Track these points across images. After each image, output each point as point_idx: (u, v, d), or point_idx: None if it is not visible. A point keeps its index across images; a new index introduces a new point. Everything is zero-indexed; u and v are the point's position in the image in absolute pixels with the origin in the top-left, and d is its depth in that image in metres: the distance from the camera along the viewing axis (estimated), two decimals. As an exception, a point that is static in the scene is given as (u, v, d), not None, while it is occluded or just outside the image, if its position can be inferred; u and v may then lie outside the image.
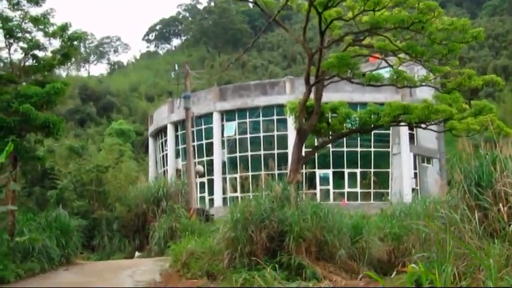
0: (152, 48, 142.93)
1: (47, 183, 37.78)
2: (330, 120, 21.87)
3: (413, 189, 41.27)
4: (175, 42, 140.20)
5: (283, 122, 42.87)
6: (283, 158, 41.05)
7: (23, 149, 21.18)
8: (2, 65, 23.85)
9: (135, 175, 39.03)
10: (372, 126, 22.26)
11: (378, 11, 18.08)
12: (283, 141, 43.65)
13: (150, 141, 59.49)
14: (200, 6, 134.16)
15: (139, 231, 30.25)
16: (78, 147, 46.41)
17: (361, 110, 23.25)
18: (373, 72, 20.84)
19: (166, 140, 53.87)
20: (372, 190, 43.35)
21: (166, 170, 52.09)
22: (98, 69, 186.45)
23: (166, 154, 53.68)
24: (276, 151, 43.99)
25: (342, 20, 19.63)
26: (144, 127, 67.81)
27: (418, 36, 19.12)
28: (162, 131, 55.61)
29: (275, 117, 44.97)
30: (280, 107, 41.28)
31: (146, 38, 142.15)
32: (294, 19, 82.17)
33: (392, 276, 13.12)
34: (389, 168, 44.25)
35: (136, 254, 28.45)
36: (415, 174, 45.49)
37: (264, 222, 14.64)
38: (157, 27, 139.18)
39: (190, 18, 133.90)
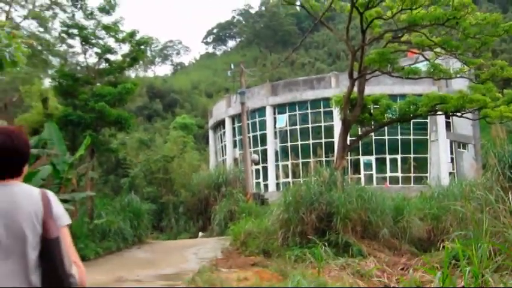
0: (210, 49, 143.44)
1: (120, 172, 38.55)
2: (372, 111, 21.66)
3: (450, 173, 40.43)
4: (231, 43, 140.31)
5: (329, 114, 42.53)
6: (330, 147, 40.74)
7: (99, 142, 21.69)
8: (79, 68, 24.44)
9: (198, 164, 39.42)
10: (411, 115, 21.97)
11: (415, 10, 17.81)
12: (329, 131, 43.32)
13: (210, 133, 59.86)
14: (252, 11, 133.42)
15: (202, 214, 30.55)
16: (146, 139, 47.22)
17: (401, 101, 22.95)
18: (412, 66, 20.60)
19: (224, 132, 54.11)
20: (412, 174, 42.66)
21: (225, 159, 52.34)
22: (162, 70, 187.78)
23: (225, 145, 53.93)
24: (323, 140, 43.69)
25: (381, 19, 19.37)
26: (205, 121, 68.21)
27: (452, 31, 18.73)
28: (220, 124, 55.86)
29: (322, 110, 44.60)
30: (327, 100, 40.91)
31: (205, 40, 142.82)
32: (337, 19, 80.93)
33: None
34: (427, 154, 43.43)
35: (200, 234, 28.74)
36: (452, 159, 44.51)
37: (314, 204, 14.66)
38: (215, 31, 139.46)
39: (243, 22, 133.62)
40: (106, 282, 11.33)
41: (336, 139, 37.74)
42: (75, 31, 22.96)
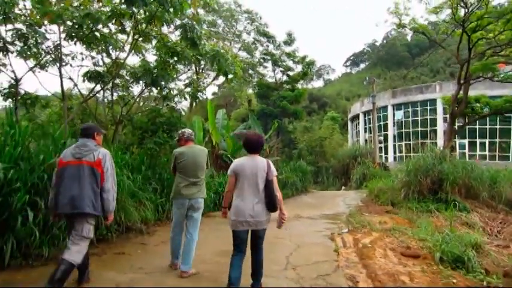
0: (348, 70, 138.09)
1: (292, 146, 38.63)
2: (473, 107, 18.77)
3: (529, 154, 34.36)
4: (362, 66, 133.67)
5: (433, 111, 38.85)
6: (433, 133, 37.47)
7: (282, 127, 21.64)
8: (270, 80, 24.59)
9: (341, 142, 38.27)
10: (501, 111, 18.75)
11: (513, 31, 14.91)
12: (433, 122, 39.31)
13: (349, 123, 57.71)
14: (377, 43, 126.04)
15: (344, 174, 29.48)
16: (308, 126, 46.68)
17: (497, 99, 19.46)
18: (509, 73, 17.46)
19: (358, 122, 51.73)
20: (496, 153, 37.07)
21: (358, 139, 50.09)
22: (317, 83, 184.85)
23: (359, 130, 51.59)
24: (428, 128, 39.65)
25: (485, 39, 16.52)
26: (345, 115, 65.87)
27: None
28: (356, 117, 53.48)
29: (428, 107, 40.39)
30: (432, 101, 37.39)
31: (345, 64, 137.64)
32: (444, 42, 73.06)
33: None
34: (510, 139, 37.30)
35: (343, 188, 27.74)
36: (531, 143, 37.83)
37: (428, 172, 12.99)
38: (351, 58, 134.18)
39: (371, 51, 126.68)
40: (289, 217, 10.85)
41: (438, 128, 34.22)
42: (269, 57, 23.07)
